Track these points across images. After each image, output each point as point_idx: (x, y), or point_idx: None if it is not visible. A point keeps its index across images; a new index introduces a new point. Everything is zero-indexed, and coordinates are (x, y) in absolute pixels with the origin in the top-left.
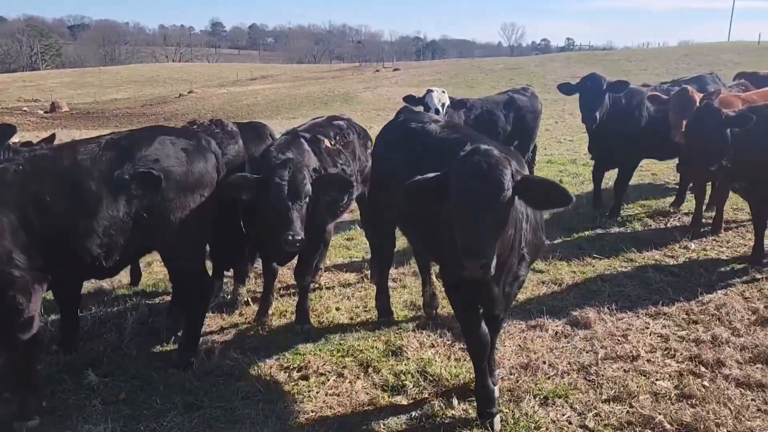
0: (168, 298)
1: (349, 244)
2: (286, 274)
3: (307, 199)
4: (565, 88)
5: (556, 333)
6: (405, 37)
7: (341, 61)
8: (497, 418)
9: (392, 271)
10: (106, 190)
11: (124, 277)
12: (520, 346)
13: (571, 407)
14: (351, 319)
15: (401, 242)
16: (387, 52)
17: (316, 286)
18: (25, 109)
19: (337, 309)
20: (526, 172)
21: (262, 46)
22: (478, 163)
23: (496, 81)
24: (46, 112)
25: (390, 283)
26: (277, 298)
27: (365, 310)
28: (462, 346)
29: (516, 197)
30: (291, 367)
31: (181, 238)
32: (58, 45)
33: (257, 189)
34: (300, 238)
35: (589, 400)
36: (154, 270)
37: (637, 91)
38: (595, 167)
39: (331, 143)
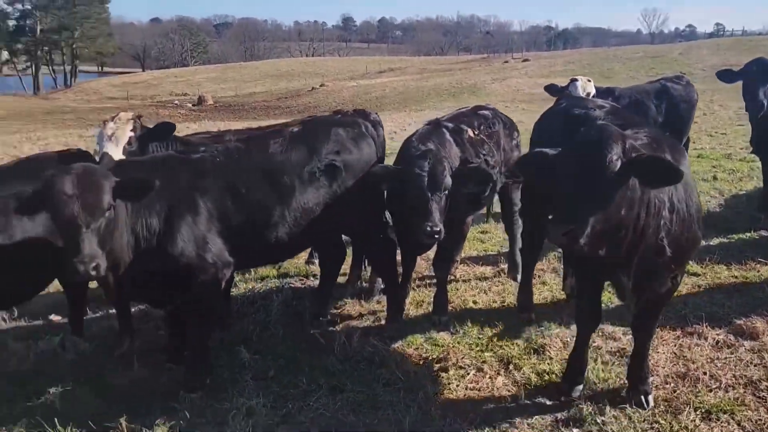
0: (309, 282)
1: (483, 237)
2: (421, 264)
3: (446, 192)
4: (727, 76)
5: (717, 342)
6: (535, 27)
7: (469, 53)
8: (578, 388)
9: None
10: (298, 180)
11: None
12: (675, 353)
13: (738, 425)
14: (489, 313)
15: None
16: (516, 42)
17: (453, 278)
18: (176, 102)
19: (474, 302)
20: (684, 162)
21: (390, 39)
22: (588, 135)
23: (634, 71)
24: (193, 105)
25: None
26: (413, 288)
27: (503, 305)
28: (609, 349)
29: (630, 177)
30: (430, 358)
31: (365, 218)
32: (204, 43)
33: (397, 179)
34: (438, 229)
35: (760, 419)
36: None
37: None
38: (763, 164)
39: (474, 133)
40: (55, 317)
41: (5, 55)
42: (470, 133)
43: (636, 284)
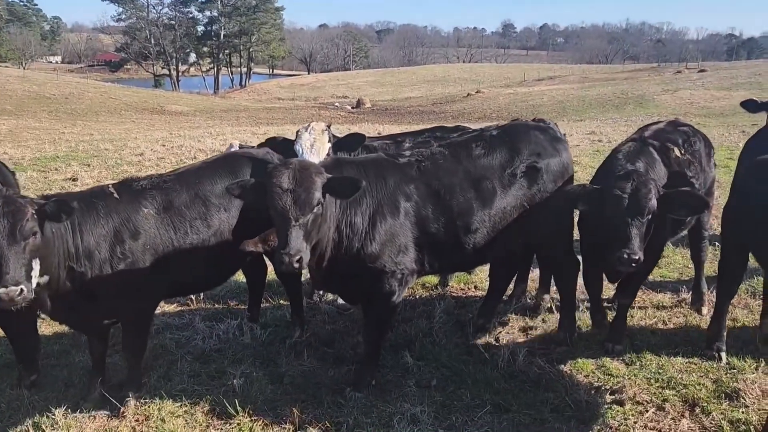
0: (471, 292)
1: (660, 262)
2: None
3: (650, 216)
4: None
5: None
6: (714, 35)
7: (636, 62)
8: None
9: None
10: (499, 184)
11: None
12: None
13: None
14: (669, 346)
15: None
16: (691, 51)
17: None
18: (336, 104)
19: (652, 332)
20: None
21: (551, 47)
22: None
23: None
24: (353, 108)
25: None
26: (583, 310)
27: (686, 339)
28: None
29: None
30: (603, 388)
31: (555, 231)
32: (366, 48)
33: (596, 200)
34: (637, 257)
35: None
36: None
37: None
38: None
39: (680, 152)
40: (232, 302)
41: (193, 57)
42: (677, 152)
43: None
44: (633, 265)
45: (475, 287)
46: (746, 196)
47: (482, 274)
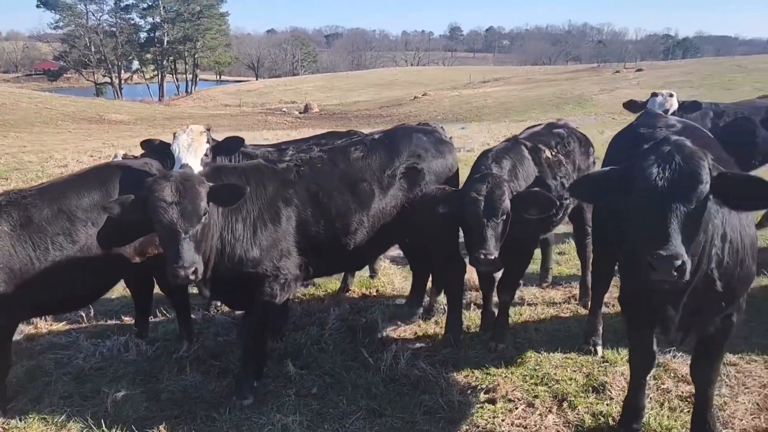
0: (373, 296)
1: (560, 258)
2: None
3: (504, 216)
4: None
5: None
6: (652, 35)
7: (578, 63)
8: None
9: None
10: (377, 186)
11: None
12: (758, 405)
13: None
14: (550, 342)
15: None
16: (630, 51)
17: (519, 302)
18: (283, 109)
19: (536, 330)
20: None
21: (497, 49)
22: (670, 153)
23: (760, 82)
24: (300, 113)
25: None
26: (474, 310)
27: (568, 335)
28: (680, 392)
29: (711, 196)
30: (479, 388)
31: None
32: (314, 53)
33: (455, 202)
34: (492, 258)
35: None
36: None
37: None
38: None
39: (551, 153)
40: (126, 318)
41: (135, 64)
42: (548, 153)
43: (683, 320)
44: (489, 265)
45: (377, 291)
46: None
47: (384, 278)
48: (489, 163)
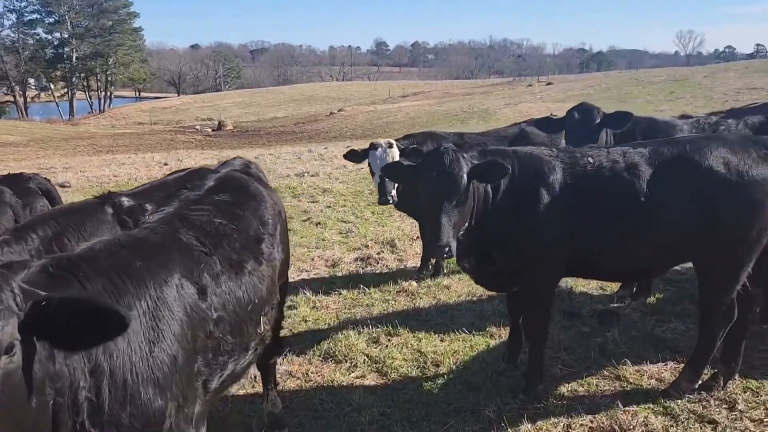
0: None
1: None
2: None
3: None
4: (547, 125)
5: None
6: (569, 49)
7: (501, 76)
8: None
9: None
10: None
11: None
12: None
13: None
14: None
15: None
16: (549, 65)
17: None
18: (197, 127)
19: None
20: None
21: (422, 63)
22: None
23: (653, 95)
24: (213, 131)
25: None
26: None
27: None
28: None
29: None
30: None
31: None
32: (239, 68)
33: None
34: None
35: None
36: None
37: None
38: None
39: None
40: None
41: (43, 81)
42: None
43: None
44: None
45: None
46: None
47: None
48: None
